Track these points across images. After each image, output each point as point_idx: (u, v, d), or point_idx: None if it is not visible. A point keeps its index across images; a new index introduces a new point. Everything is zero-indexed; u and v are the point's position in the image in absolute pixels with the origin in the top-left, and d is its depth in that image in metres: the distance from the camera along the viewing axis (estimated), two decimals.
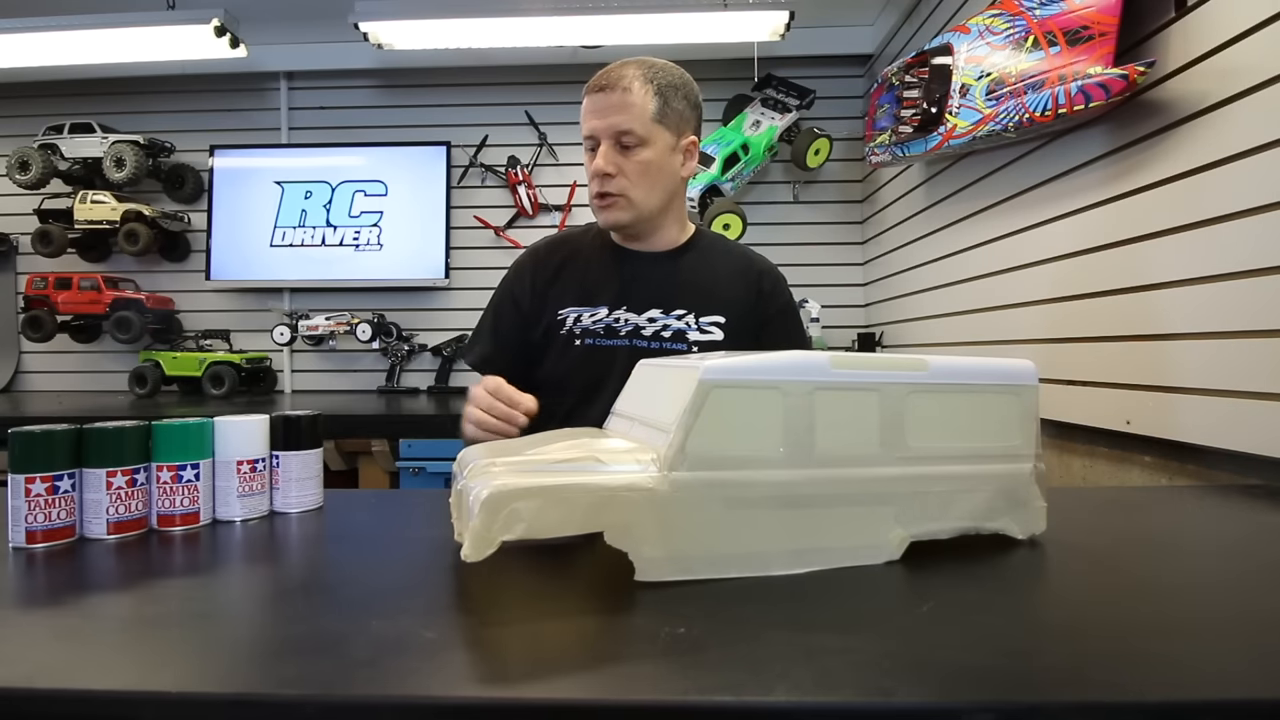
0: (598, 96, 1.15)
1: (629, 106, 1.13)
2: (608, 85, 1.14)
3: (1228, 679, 0.44)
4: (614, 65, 1.17)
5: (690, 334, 1.19)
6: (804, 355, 0.63)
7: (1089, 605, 0.57)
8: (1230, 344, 1.10)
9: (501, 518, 0.55)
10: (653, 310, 1.20)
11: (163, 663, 0.47)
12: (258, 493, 0.82)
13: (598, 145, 1.16)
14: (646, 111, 1.14)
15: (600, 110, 1.15)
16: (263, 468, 0.83)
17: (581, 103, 1.19)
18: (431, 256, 2.89)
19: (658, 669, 0.45)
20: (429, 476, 2.18)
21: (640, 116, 1.14)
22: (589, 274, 1.24)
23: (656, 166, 1.16)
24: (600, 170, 1.15)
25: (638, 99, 1.13)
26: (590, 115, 1.16)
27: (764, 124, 2.69)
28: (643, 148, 1.15)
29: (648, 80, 1.15)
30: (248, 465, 0.81)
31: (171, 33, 2.30)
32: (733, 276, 1.24)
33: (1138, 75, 1.23)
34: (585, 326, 1.20)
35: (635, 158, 1.15)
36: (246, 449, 0.82)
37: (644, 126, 1.14)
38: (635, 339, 1.19)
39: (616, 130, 1.14)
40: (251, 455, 0.82)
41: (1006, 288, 1.77)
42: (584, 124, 1.18)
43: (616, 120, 1.13)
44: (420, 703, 0.42)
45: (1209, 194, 1.14)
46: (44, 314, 2.78)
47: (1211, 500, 0.98)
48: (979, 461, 0.68)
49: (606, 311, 1.20)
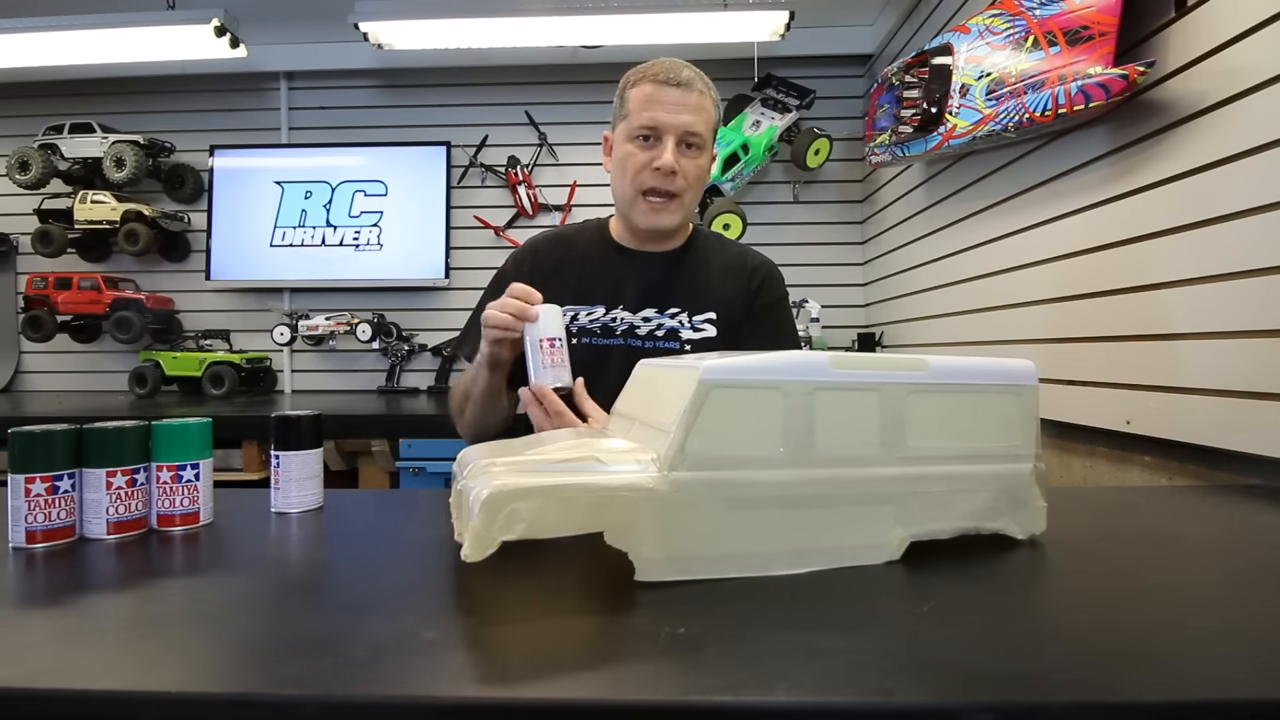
0: (672, 91, 1.10)
1: (703, 110, 1.12)
2: (684, 83, 1.10)
3: (1228, 679, 0.44)
4: (674, 62, 1.13)
5: (683, 333, 1.18)
6: (804, 355, 0.63)
7: (1089, 605, 0.57)
8: (1230, 344, 1.10)
9: (501, 518, 0.55)
10: (648, 309, 1.19)
11: (163, 663, 0.47)
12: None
13: (654, 138, 1.11)
14: (711, 119, 1.14)
15: (675, 106, 1.10)
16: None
17: (641, 94, 1.13)
18: (431, 256, 2.89)
19: (658, 669, 0.45)
20: (429, 476, 2.18)
21: (708, 122, 1.13)
22: (586, 272, 1.22)
23: (705, 174, 1.17)
24: (669, 166, 1.10)
25: (707, 104, 1.13)
26: (659, 108, 1.10)
27: (764, 124, 2.69)
28: (702, 153, 1.14)
29: (709, 87, 1.14)
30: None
31: (171, 33, 2.30)
32: (726, 273, 1.23)
33: (1138, 75, 1.23)
34: (582, 325, 1.19)
35: (696, 161, 1.13)
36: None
37: (707, 132, 1.13)
38: (630, 338, 1.19)
39: (687, 130, 1.10)
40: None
41: (1006, 288, 1.77)
42: (644, 113, 1.11)
43: (690, 120, 1.10)
44: (420, 703, 0.42)
45: (1209, 194, 1.14)
46: (44, 314, 2.78)
47: (1211, 500, 0.98)
48: (979, 461, 0.68)
49: (603, 310, 1.20)
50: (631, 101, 1.13)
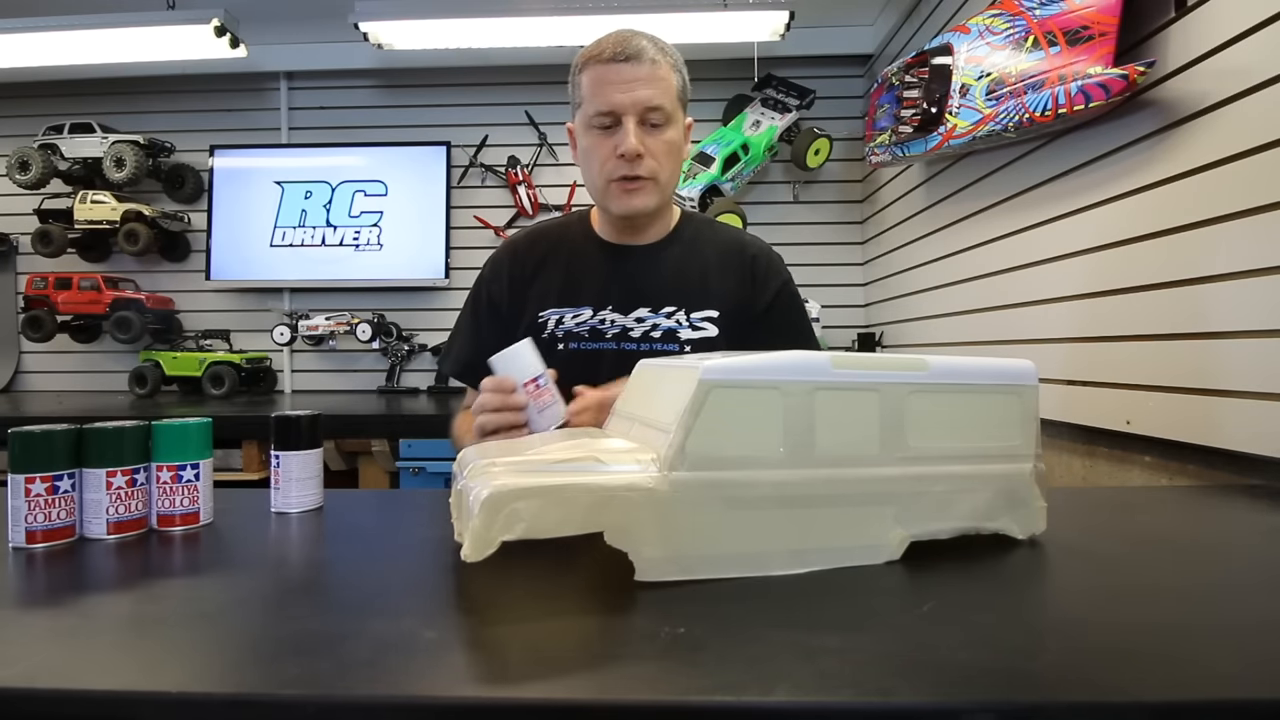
0: (623, 68, 1.02)
1: (658, 80, 1.03)
2: (632, 56, 1.02)
3: (1228, 679, 0.44)
4: (621, 34, 1.05)
5: (682, 333, 1.11)
6: (804, 355, 0.63)
7: (1089, 605, 0.57)
8: (1230, 344, 1.10)
9: (501, 518, 0.55)
10: (640, 309, 1.12)
11: (162, 663, 0.47)
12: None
13: (614, 123, 1.04)
14: (673, 87, 1.06)
15: (626, 83, 1.02)
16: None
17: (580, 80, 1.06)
18: (431, 256, 2.89)
19: (658, 669, 0.45)
20: (429, 476, 2.18)
21: (669, 92, 1.05)
22: (571, 271, 1.15)
23: (678, 148, 1.09)
24: (633, 151, 1.03)
25: (664, 73, 1.04)
26: (610, 88, 1.03)
27: (764, 124, 2.69)
28: (669, 126, 1.06)
29: (665, 53, 1.06)
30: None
31: (171, 33, 2.30)
32: (724, 265, 1.15)
33: (1138, 75, 1.23)
34: (568, 329, 1.12)
35: (662, 137, 1.05)
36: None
37: (671, 103, 1.05)
38: (623, 341, 1.11)
39: (646, 106, 1.03)
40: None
41: (1006, 288, 1.77)
42: (597, 99, 1.04)
43: (648, 95, 1.03)
44: (420, 703, 0.42)
45: (1210, 194, 1.14)
46: (44, 314, 2.78)
47: (1211, 500, 0.98)
48: (979, 461, 0.68)
49: (590, 312, 1.12)
50: (583, 87, 1.06)
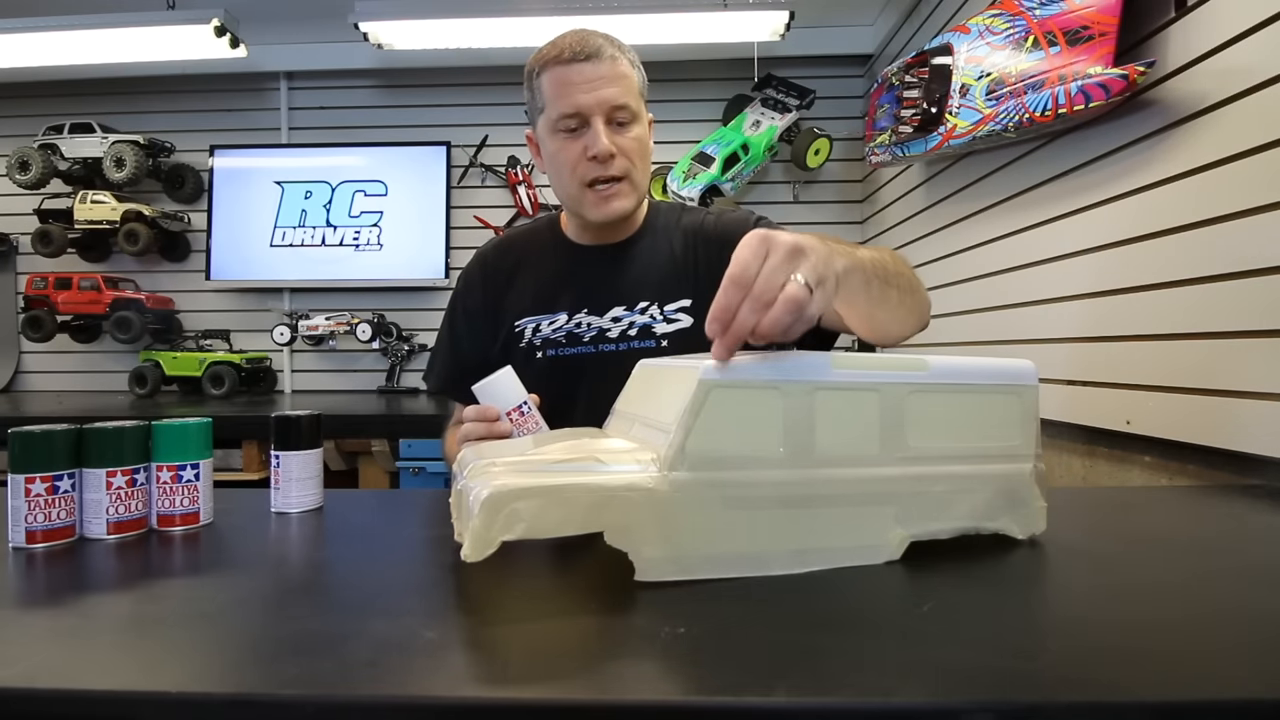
0: (584, 67, 1.00)
1: (620, 78, 1.01)
2: (592, 54, 1.00)
3: (1227, 679, 0.44)
4: (577, 33, 1.03)
5: (656, 327, 1.09)
6: (804, 355, 0.63)
7: (1089, 605, 0.57)
8: (1230, 344, 1.10)
9: (501, 518, 0.55)
10: (616, 309, 1.10)
11: (162, 663, 0.47)
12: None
13: (581, 125, 1.02)
14: (635, 84, 1.04)
15: (589, 83, 1.00)
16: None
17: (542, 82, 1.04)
18: (431, 256, 2.89)
19: (658, 669, 0.45)
20: (429, 476, 2.18)
21: (631, 89, 1.03)
22: (543, 278, 1.13)
23: (647, 144, 1.07)
24: (605, 151, 1.01)
25: (625, 69, 1.02)
26: (574, 89, 1.00)
27: (764, 124, 2.69)
28: (635, 124, 1.04)
29: (622, 50, 1.04)
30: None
31: (171, 33, 2.30)
32: (687, 246, 1.12)
33: (1138, 75, 1.23)
34: (546, 336, 1.11)
35: (630, 134, 1.03)
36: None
37: (635, 100, 1.04)
38: (601, 343, 1.10)
39: (612, 105, 1.01)
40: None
41: (1007, 288, 1.77)
42: (561, 101, 1.01)
43: (613, 94, 1.01)
44: (420, 703, 0.42)
45: (1210, 195, 1.14)
46: (44, 314, 2.78)
47: (1211, 500, 0.98)
48: (979, 461, 0.68)
49: (566, 317, 1.10)
50: (544, 91, 1.04)
